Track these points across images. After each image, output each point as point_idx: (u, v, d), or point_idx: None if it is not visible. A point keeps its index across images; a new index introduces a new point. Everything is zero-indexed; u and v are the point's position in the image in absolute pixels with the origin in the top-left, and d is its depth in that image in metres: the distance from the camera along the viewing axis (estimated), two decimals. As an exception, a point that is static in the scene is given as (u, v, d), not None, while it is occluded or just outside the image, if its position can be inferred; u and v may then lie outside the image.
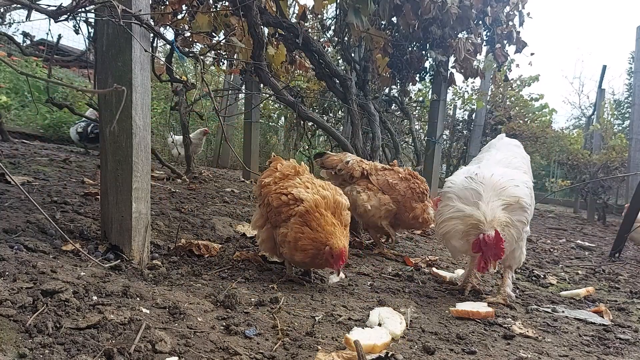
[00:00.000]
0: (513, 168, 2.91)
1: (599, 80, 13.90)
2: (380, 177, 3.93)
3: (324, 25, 6.55)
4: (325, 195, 2.62)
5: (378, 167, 4.03)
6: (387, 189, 3.87)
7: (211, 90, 4.94)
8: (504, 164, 2.92)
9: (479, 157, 3.19)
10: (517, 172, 2.87)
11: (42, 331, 1.47)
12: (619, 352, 2.22)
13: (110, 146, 2.45)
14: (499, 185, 2.63)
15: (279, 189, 2.71)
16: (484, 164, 2.93)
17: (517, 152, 3.16)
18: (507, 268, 2.93)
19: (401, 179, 3.92)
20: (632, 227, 5.14)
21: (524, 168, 3.03)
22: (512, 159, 3.01)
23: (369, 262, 3.59)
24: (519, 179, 2.75)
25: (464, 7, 4.87)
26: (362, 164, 3.97)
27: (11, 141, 6.85)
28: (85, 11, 2.24)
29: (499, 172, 2.74)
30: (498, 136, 3.39)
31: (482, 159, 3.06)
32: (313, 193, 2.61)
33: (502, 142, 3.26)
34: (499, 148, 3.16)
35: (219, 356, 1.61)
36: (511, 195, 2.62)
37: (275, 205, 2.65)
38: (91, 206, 3.44)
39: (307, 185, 2.69)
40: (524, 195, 2.66)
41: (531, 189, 2.82)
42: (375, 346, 1.77)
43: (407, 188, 3.86)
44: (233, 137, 10.53)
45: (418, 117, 11.27)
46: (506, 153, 3.08)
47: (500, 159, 2.99)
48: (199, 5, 4.47)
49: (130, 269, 2.36)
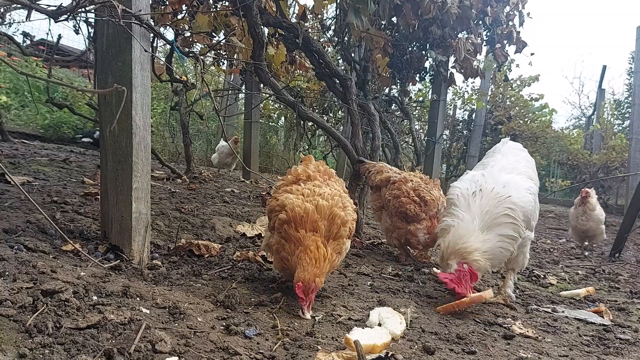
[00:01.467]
0: (517, 173, 2.95)
1: (599, 80, 13.93)
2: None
3: (324, 25, 6.55)
4: (319, 205, 2.32)
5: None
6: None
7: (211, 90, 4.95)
8: (508, 170, 2.96)
9: (483, 163, 3.23)
10: (520, 177, 2.91)
11: (42, 331, 1.47)
12: (619, 352, 2.22)
13: (110, 146, 2.45)
14: (497, 198, 2.68)
15: (276, 192, 2.56)
16: (488, 171, 2.97)
17: (521, 157, 3.20)
18: (509, 270, 2.98)
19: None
20: (632, 227, 5.14)
21: (529, 173, 3.06)
22: (516, 164, 3.05)
23: (369, 262, 3.59)
24: (522, 187, 2.79)
25: (464, 7, 4.87)
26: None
27: (11, 141, 6.86)
28: (85, 11, 2.24)
29: (502, 180, 2.79)
30: (502, 140, 3.43)
31: (487, 165, 3.10)
32: (305, 201, 2.33)
33: (506, 146, 3.30)
34: (504, 153, 3.19)
35: (219, 356, 1.61)
36: (504, 208, 2.67)
37: (267, 210, 2.51)
38: (91, 206, 3.44)
39: (304, 191, 2.42)
40: (522, 202, 2.69)
41: (535, 194, 2.85)
42: (375, 346, 1.77)
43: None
44: (233, 137, 10.52)
45: (418, 117, 11.28)
46: (510, 158, 3.11)
47: (504, 164, 3.02)
48: (199, 5, 4.47)
49: (130, 269, 2.36)
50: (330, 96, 9.04)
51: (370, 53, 5.25)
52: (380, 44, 4.74)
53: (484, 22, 5.64)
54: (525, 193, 2.76)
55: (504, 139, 3.52)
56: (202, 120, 8.91)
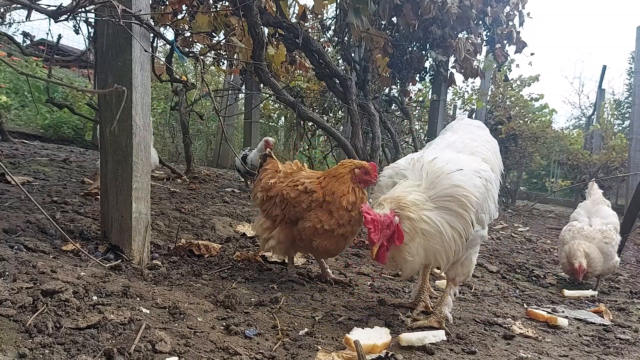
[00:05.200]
0: (469, 153, 2.33)
1: (599, 80, 13.94)
2: None
3: (324, 25, 6.55)
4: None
5: None
6: None
7: (211, 90, 4.95)
8: (457, 147, 2.36)
9: (430, 143, 2.64)
10: (471, 158, 2.29)
11: (42, 331, 1.47)
12: (619, 352, 2.22)
13: (110, 146, 2.45)
14: (438, 172, 2.09)
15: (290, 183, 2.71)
16: (430, 148, 2.40)
17: (477, 135, 2.56)
18: (450, 282, 2.35)
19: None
20: (632, 227, 5.14)
21: (486, 154, 2.41)
22: (469, 142, 2.43)
23: (369, 262, 3.59)
24: (470, 167, 2.15)
25: (464, 7, 4.87)
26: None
27: (11, 141, 6.86)
28: (85, 11, 2.24)
29: (445, 157, 2.19)
30: (458, 117, 2.84)
31: (433, 143, 2.54)
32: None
33: (460, 122, 2.70)
34: (456, 130, 2.61)
35: (219, 356, 1.61)
36: (451, 186, 2.04)
37: (293, 196, 2.63)
38: (91, 206, 3.45)
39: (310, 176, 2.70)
40: (470, 186, 2.05)
41: (489, 181, 2.18)
42: (375, 346, 1.77)
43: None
44: (233, 137, 10.54)
45: (418, 117, 11.27)
46: (463, 135, 2.50)
47: (453, 141, 2.41)
48: (199, 5, 4.47)
49: (130, 269, 2.36)
50: (330, 96, 9.03)
51: (370, 53, 5.25)
52: (380, 44, 4.74)
53: (484, 22, 5.65)
54: (473, 176, 2.10)
55: (460, 115, 2.92)
56: (202, 120, 8.92)
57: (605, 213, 3.96)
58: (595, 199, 4.11)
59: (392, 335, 1.94)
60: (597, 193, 4.18)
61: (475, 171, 2.14)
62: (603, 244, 3.58)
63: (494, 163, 2.43)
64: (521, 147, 11.60)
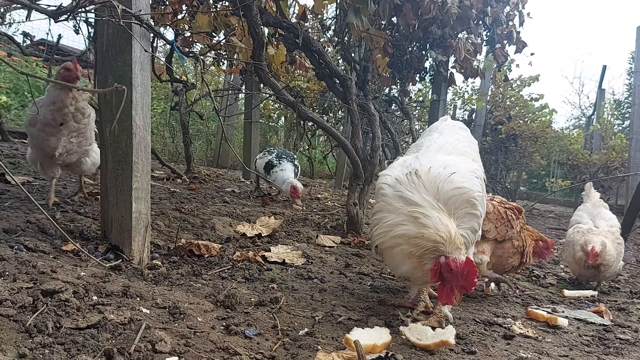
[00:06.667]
0: (459, 154, 2.45)
1: (599, 80, 13.94)
2: None
3: (324, 25, 6.54)
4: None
5: None
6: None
7: (211, 90, 4.94)
8: (447, 150, 2.45)
9: (417, 144, 2.66)
10: (463, 159, 2.41)
11: (42, 331, 1.47)
12: (619, 352, 2.23)
13: (110, 146, 2.45)
14: (438, 180, 2.16)
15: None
16: (422, 152, 2.42)
17: (462, 136, 2.69)
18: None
19: None
20: (632, 227, 5.14)
21: (472, 155, 2.57)
22: (457, 144, 2.53)
23: (369, 262, 3.59)
24: (465, 168, 2.28)
25: (464, 7, 4.87)
26: None
27: (11, 141, 6.85)
28: (85, 11, 2.24)
29: (440, 161, 2.26)
30: (441, 118, 2.91)
31: (422, 146, 2.55)
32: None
33: (444, 124, 2.77)
34: (442, 131, 2.66)
35: (219, 356, 1.61)
36: (456, 188, 2.14)
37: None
38: (91, 206, 3.45)
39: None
40: (473, 186, 2.19)
41: (482, 180, 2.34)
42: (375, 346, 1.77)
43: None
44: (233, 137, 10.53)
45: (418, 117, 11.28)
46: (449, 137, 2.59)
47: (442, 144, 2.50)
48: (199, 5, 4.47)
49: (130, 269, 2.36)
50: (330, 96, 9.03)
51: (370, 53, 5.24)
52: (380, 44, 4.74)
53: (484, 22, 5.64)
54: (471, 176, 2.24)
55: (442, 117, 2.98)
56: (202, 120, 8.91)
57: (608, 216, 3.93)
58: (595, 201, 4.07)
59: (392, 335, 1.94)
60: (596, 195, 4.13)
61: (471, 172, 2.28)
62: (616, 244, 3.53)
63: (480, 162, 2.58)
64: (521, 147, 11.60)
